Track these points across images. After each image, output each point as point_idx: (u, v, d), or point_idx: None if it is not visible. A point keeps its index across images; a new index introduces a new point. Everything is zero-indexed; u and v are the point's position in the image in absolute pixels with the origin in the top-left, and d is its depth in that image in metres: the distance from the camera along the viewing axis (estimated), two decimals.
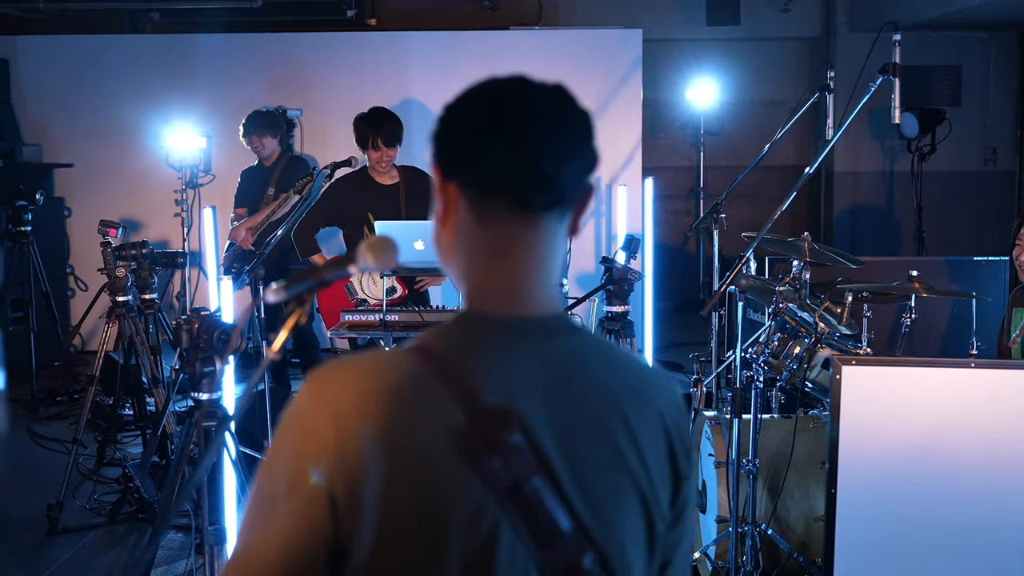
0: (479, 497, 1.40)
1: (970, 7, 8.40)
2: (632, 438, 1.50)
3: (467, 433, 1.41)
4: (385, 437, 1.41)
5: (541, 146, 1.46)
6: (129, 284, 5.74)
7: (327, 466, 1.41)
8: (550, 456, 1.44)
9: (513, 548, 1.42)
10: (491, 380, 1.45)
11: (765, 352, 4.56)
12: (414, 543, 1.40)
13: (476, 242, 1.52)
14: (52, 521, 5.43)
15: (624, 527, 1.49)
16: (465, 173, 1.50)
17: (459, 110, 1.52)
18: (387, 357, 1.50)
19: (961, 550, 3.62)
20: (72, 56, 9.39)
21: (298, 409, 1.47)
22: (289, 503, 1.42)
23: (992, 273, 6.28)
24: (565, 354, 1.51)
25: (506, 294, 1.51)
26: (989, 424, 3.57)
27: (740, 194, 9.77)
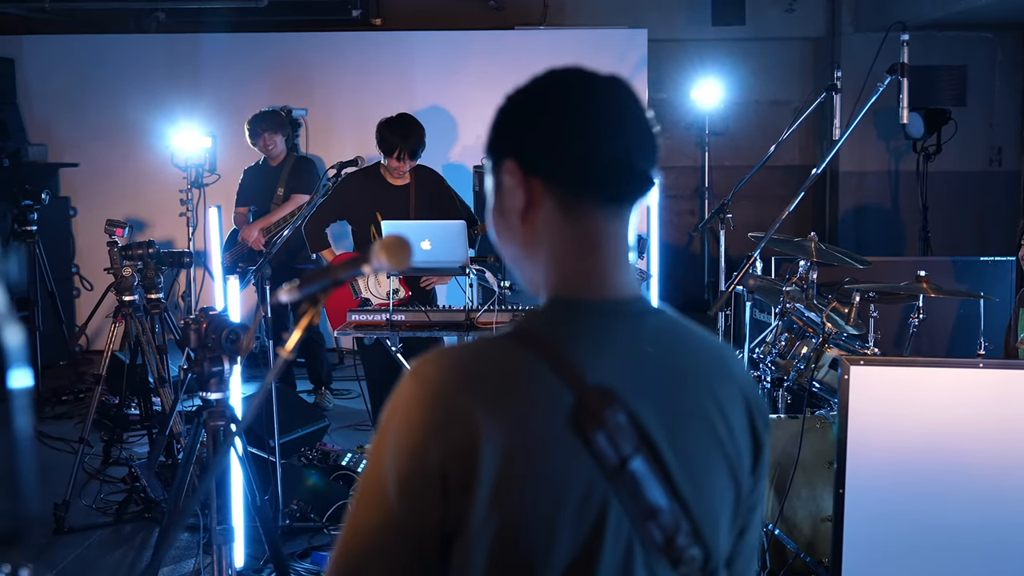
0: (589, 475, 1.43)
1: (976, 7, 8.39)
2: (720, 410, 1.55)
3: (575, 413, 1.43)
4: (496, 420, 1.41)
5: (630, 141, 1.52)
6: (135, 284, 5.75)
7: (439, 452, 1.41)
8: (652, 433, 1.47)
9: (619, 525, 1.45)
10: (592, 361, 1.47)
11: (772, 352, 4.56)
12: (529, 522, 1.42)
13: (564, 236, 1.54)
14: (58, 520, 5.43)
15: (716, 498, 1.53)
16: (553, 172, 1.52)
17: (536, 106, 1.55)
18: (489, 343, 1.51)
19: (969, 550, 3.62)
20: (77, 56, 9.40)
21: (405, 398, 1.46)
22: (402, 497, 1.43)
23: (998, 273, 6.28)
24: (655, 333, 1.55)
25: (595, 281, 1.54)
26: (997, 424, 3.57)
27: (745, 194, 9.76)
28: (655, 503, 1.45)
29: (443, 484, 1.41)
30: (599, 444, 1.43)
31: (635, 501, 1.44)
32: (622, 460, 1.43)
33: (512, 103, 1.57)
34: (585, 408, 1.43)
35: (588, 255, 1.54)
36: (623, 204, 1.54)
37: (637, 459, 1.44)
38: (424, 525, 1.43)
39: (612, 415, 1.44)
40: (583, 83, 1.54)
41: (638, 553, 1.46)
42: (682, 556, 1.48)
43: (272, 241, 6.84)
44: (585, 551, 1.43)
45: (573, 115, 1.51)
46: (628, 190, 1.54)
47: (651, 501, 1.45)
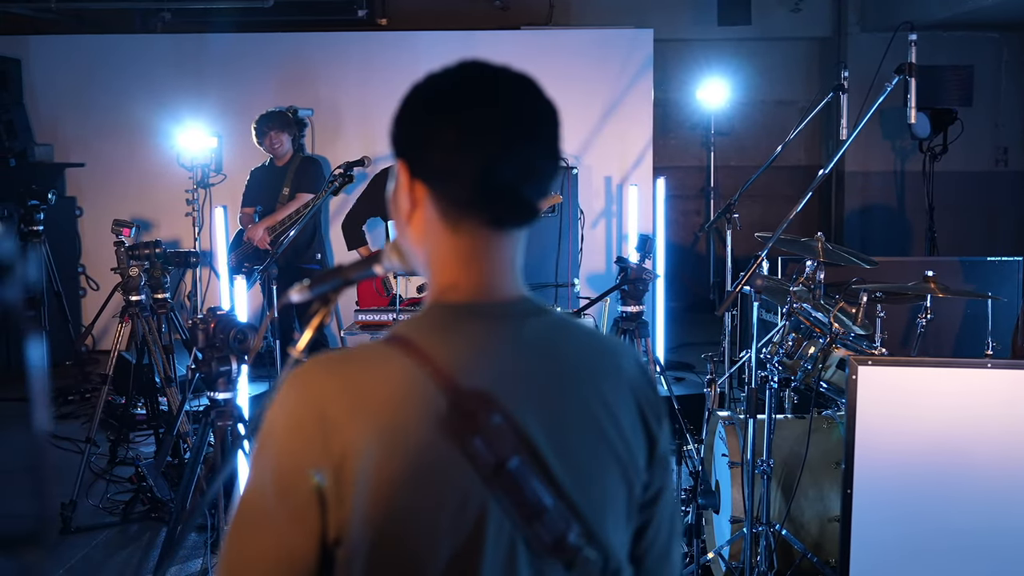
0: (466, 479, 1.43)
1: (982, 7, 8.38)
2: (607, 407, 1.53)
3: (450, 418, 1.43)
4: (371, 428, 1.42)
5: (520, 166, 1.46)
6: (142, 284, 5.75)
7: (315, 462, 1.42)
8: (531, 434, 1.46)
9: (500, 526, 1.44)
10: (468, 364, 1.47)
11: (779, 352, 4.55)
12: (406, 527, 1.42)
13: (445, 244, 1.53)
14: (65, 520, 5.44)
15: (606, 496, 1.52)
16: (438, 185, 1.49)
17: (428, 113, 1.49)
18: (365, 350, 1.52)
19: (977, 552, 3.61)
20: (83, 56, 9.40)
21: (281, 408, 1.47)
22: (279, 506, 1.44)
23: (1006, 273, 6.27)
24: (536, 333, 1.53)
25: (475, 286, 1.53)
26: (1006, 425, 3.56)
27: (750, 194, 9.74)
28: (539, 503, 1.44)
29: (320, 495, 1.42)
30: (475, 447, 1.42)
31: (516, 502, 1.44)
32: (499, 462, 1.42)
33: (409, 101, 1.52)
34: (459, 412, 1.43)
35: (469, 265, 1.52)
36: (506, 228, 1.51)
37: (515, 460, 1.43)
38: (303, 537, 1.43)
39: (487, 417, 1.43)
40: (483, 90, 1.48)
41: (522, 555, 1.46)
42: (575, 557, 1.47)
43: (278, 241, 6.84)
44: (466, 554, 1.43)
45: (463, 128, 1.46)
46: (511, 218, 1.51)
47: (534, 501, 1.44)
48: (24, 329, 1.09)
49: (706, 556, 4.69)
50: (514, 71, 1.51)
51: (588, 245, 8.58)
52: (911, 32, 4.03)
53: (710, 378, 5.04)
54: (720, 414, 4.86)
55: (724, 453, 4.75)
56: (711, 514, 4.94)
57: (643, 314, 4.56)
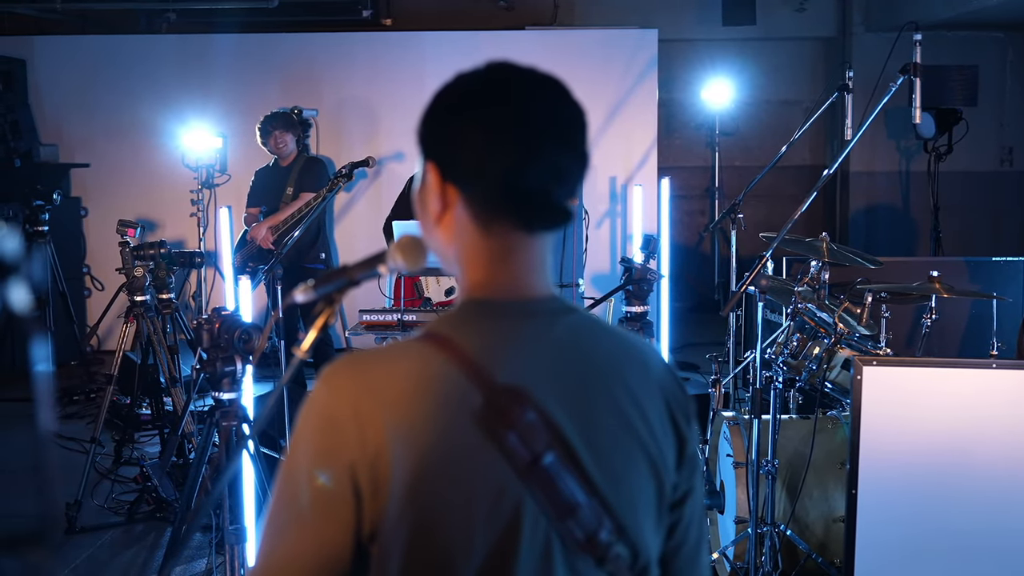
0: (501, 474, 1.43)
1: (986, 7, 8.37)
2: (637, 406, 1.54)
3: (484, 413, 1.43)
4: (407, 424, 1.43)
5: (550, 169, 1.47)
6: (147, 284, 5.76)
7: (350, 459, 1.43)
8: (564, 430, 1.47)
9: (536, 522, 1.45)
10: (502, 360, 1.48)
11: (784, 353, 4.55)
12: (442, 524, 1.43)
13: (476, 246, 1.53)
14: (70, 520, 5.44)
15: (636, 494, 1.52)
16: (469, 187, 1.50)
17: (459, 115, 1.50)
18: (399, 347, 1.53)
19: (982, 552, 3.61)
20: (88, 56, 9.41)
21: (315, 405, 1.48)
22: (314, 504, 1.44)
23: (1011, 273, 6.26)
24: (568, 331, 1.54)
25: (506, 284, 1.53)
26: (1010, 425, 3.56)
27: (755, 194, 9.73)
28: (572, 499, 1.45)
29: (355, 491, 1.43)
30: (510, 443, 1.43)
31: (551, 498, 1.44)
32: (534, 458, 1.43)
33: (438, 103, 1.53)
34: (494, 408, 1.43)
35: (500, 264, 1.53)
36: (537, 231, 1.52)
37: (549, 456, 1.44)
38: (339, 532, 1.44)
39: (522, 413, 1.44)
40: (513, 92, 1.49)
41: (557, 550, 1.47)
42: (606, 553, 1.48)
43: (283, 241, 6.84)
44: (501, 549, 1.44)
45: (493, 130, 1.47)
46: (541, 220, 1.51)
47: (568, 497, 1.45)
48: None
49: (711, 556, 4.69)
50: (542, 73, 1.52)
51: (593, 245, 8.58)
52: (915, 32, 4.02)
53: (714, 378, 5.03)
54: (725, 414, 4.86)
55: (729, 453, 4.75)
56: (716, 515, 4.94)
57: (648, 314, 4.55)
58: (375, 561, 1.46)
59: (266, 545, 1.47)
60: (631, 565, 1.52)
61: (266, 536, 1.47)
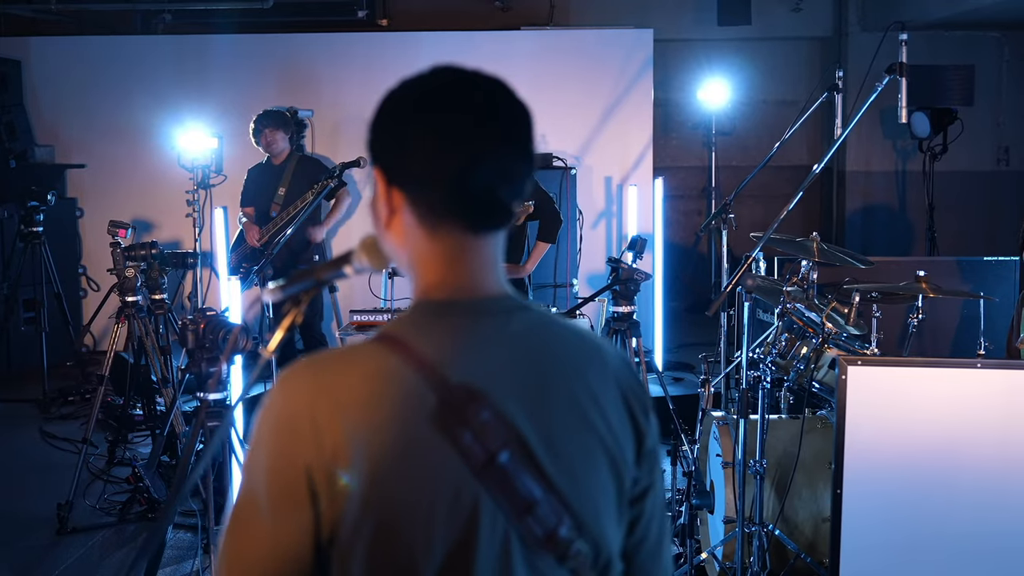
0: (458, 474, 1.44)
1: (982, 6, 8.37)
2: (595, 401, 1.55)
3: (439, 413, 1.44)
4: (362, 426, 1.44)
5: (495, 171, 1.48)
6: (139, 284, 5.76)
7: (306, 462, 1.44)
8: (520, 427, 1.48)
9: (494, 520, 1.46)
10: (456, 360, 1.49)
11: (772, 352, 4.55)
12: (399, 523, 1.44)
13: (426, 249, 1.54)
14: (62, 520, 5.45)
15: (596, 490, 1.53)
16: (415, 192, 1.51)
17: (402, 119, 1.52)
18: (355, 349, 1.53)
19: (968, 551, 3.61)
20: (84, 57, 9.42)
21: (272, 409, 1.49)
22: (272, 506, 1.45)
23: (1003, 273, 6.26)
24: (521, 328, 1.55)
25: (458, 284, 1.54)
26: (996, 425, 3.56)
27: (752, 194, 9.76)
28: (530, 496, 1.46)
29: (312, 494, 1.44)
30: (465, 442, 1.44)
31: (508, 496, 1.45)
32: (490, 456, 1.44)
33: (382, 109, 1.54)
34: (448, 407, 1.45)
35: (451, 266, 1.54)
36: (484, 232, 1.53)
37: (505, 454, 1.45)
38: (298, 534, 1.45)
39: (477, 412, 1.45)
40: (456, 95, 1.50)
41: (516, 548, 1.47)
42: (567, 550, 1.48)
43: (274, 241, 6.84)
44: (460, 548, 1.45)
45: (437, 135, 1.47)
46: (487, 222, 1.52)
47: (525, 495, 1.46)
48: None
49: (700, 556, 4.69)
50: (486, 75, 1.53)
51: (588, 245, 8.59)
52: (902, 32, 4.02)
53: (704, 378, 5.04)
54: (714, 414, 4.86)
55: (718, 453, 4.75)
56: (706, 514, 4.94)
57: (634, 314, 4.55)
58: (336, 563, 1.46)
59: (227, 548, 1.48)
60: (593, 561, 1.52)
61: (227, 539, 1.49)
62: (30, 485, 6.33)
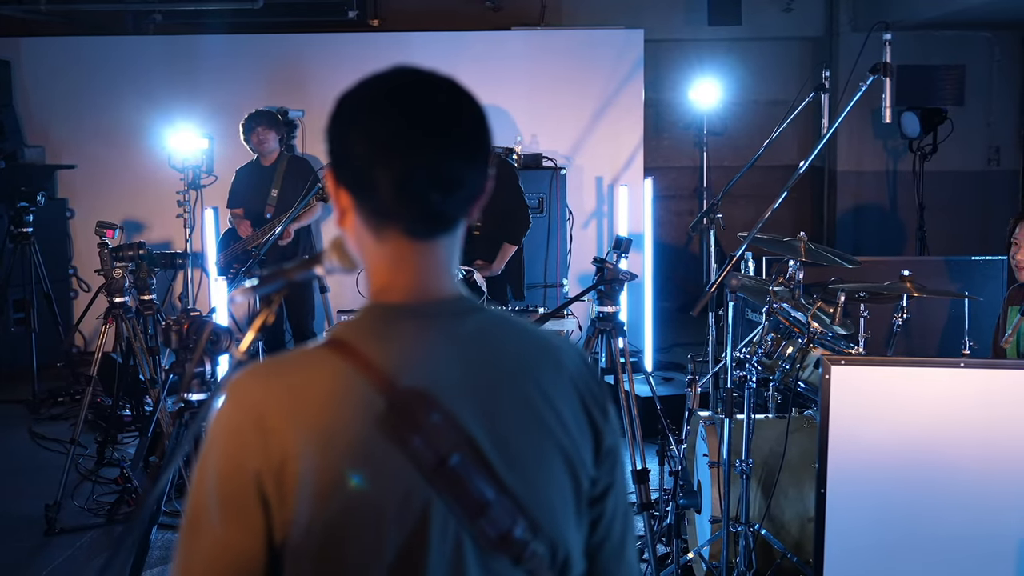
0: (408, 477, 1.45)
1: (971, 6, 8.37)
2: (548, 401, 1.54)
3: (387, 417, 1.45)
4: (311, 432, 1.44)
5: (433, 182, 1.47)
6: (127, 285, 5.75)
7: (255, 468, 1.44)
8: (471, 430, 1.48)
9: (445, 523, 1.46)
10: (405, 364, 1.49)
11: (759, 352, 4.56)
12: (349, 528, 1.44)
13: (374, 252, 1.55)
14: (50, 521, 5.45)
15: (551, 491, 1.53)
16: (357, 195, 1.51)
17: (346, 122, 1.52)
18: (303, 355, 1.54)
19: (951, 550, 3.61)
20: (75, 57, 9.40)
21: (220, 416, 1.49)
22: (223, 512, 1.46)
23: (990, 273, 6.26)
24: (473, 330, 1.55)
25: (408, 287, 1.54)
26: (979, 424, 3.56)
27: (745, 194, 9.77)
28: (482, 499, 1.46)
29: (262, 499, 1.44)
30: (415, 446, 1.44)
31: (460, 499, 1.45)
32: (440, 459, 1.44)
33: (333, 111, 1.54)
34: (397, 412, 1.45)
35: (399, 269, 1.54)
36: (425, 238, 1.52)
37: (456, 457, 1.45)
38: (248, 539, 1.45)
39: (426, 416, 1.45)
40: (396, 101, 1.50)
41: (469, 550, 1.47)
42: (522, 552, 1.48)
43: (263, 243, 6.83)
44: (411, 551, 1.45)
45: (374, 140, 1.47)
46: (426, 228, 1.52)
47: (477, 497, 1.46)
48: None
49: (686, 556, 4.70)
50: (439, 78, 1.53)
51: (579, 245, 8.58)
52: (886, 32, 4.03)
53: (690, 378, 5.04)
54: (701, 414, 4.87)
55: (705, 453, 4.76)
56: (693, 514, 4.94)
57: (618, 314, 4.56)
58: (288, 567, 1.47)
59: (180, 554, 1.49)
60: (550, 562, 1.52)
61: (180, 545, 1.49)
62: (19, 486, 6.32)
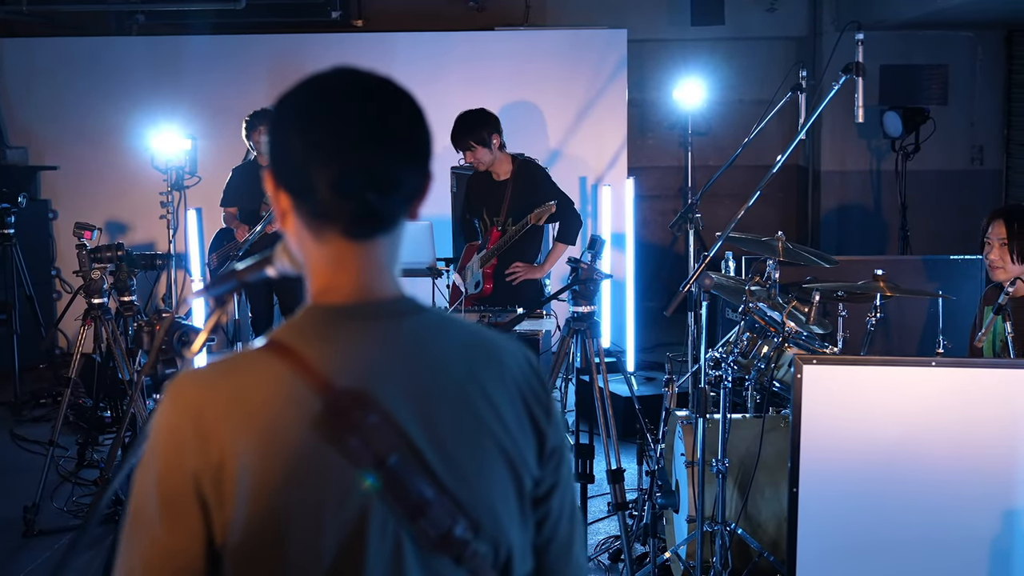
0: (345, 478, 1.45)
1: (952, 6, 8.39)
2: (489, 401, 1.55)
3: (324, 418, 1.45)
4: (249, 434, 1.45)
5: (367, 183, 1.48)
6: (105, 286, 5.73)
7: (193, 469, 1.45)
8: (408, 430, 1.48)
9: (384, 523, 1.46)
10: (343, 365, 1.49)
11: (735, 352, 4.57)
12: (288, 529, 1.45)
13: (314, 252, 1.55)
14: (28, 523, 5.44)
15: (493, 488, 1.54)
16: (296, 198, 1.52)
17: (281, 122, 1.52)
18: (241, 357, 1.54)
19: (924, 548, 3.62)
20: (57, 58, 9.38)
21: (159, 419, 1.50)
22: (162, 514, 1.46)
23: (969, 272, 6.28)
24: (414, 330, 1.56)
25: (347, 288, 1.55)
26: (951, 423, 3.57)
27: (730, 193, 9.77)
28: (421, 498, 1.46)
29: (200, 501, 1.45)
30: (352, 446, 1.44)
31: (398, 499, 1.46)
32: (378, 460, 1.45)
33: (273, 111, 1.55)
34: (334, 412, 1.45)
35: (338, 270, 1.54)
36: (362, 239, 1.53)
37: (394, 457, 1.45)
38: (187, 540, 1.46)
39: (364, 416, 1.45)
40: (332, 103, 1.50)
41: (409, 550, 1.48)
42: (463, 551, 1.49)
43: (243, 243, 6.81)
44: (349, 552, 1.46)
45: (306, 142, 1.48)
46: (362, 229, 1.52)
47: (416, 497, 1.46)
48: None
49: (662, 556, 4.71)
50: (378, 78, 1.54)
51: None
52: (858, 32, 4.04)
53: (668, 378, 5.05)
54: (679, 414, 4.87)
55: (682, 453, 4.77)
56: (671, 513, 4.95)
57: (594, 314, 4.56)
58: (228, 568, 1.47)
59: (122, 556, 1.49)
60: (493, 562, 1.53)
61: (122, 547, 1.49)
62: None
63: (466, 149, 6.12)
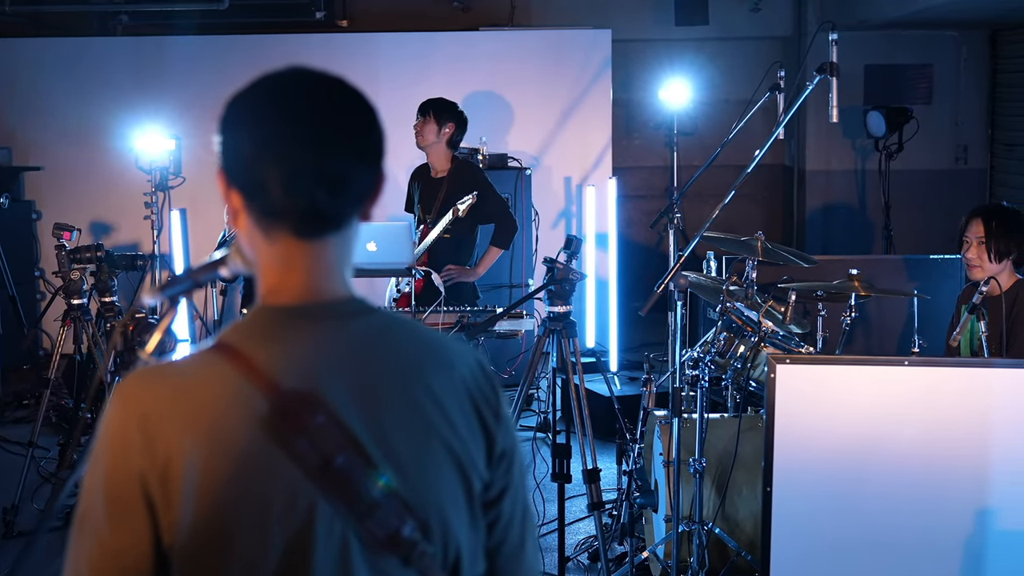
0: (292, 479, 1.45)
1: (936, 5, 8.41)
2: (438, 405, 1.55)
3: (271, 419, 1.45)
4: (196, 434, 1.45)
5: (316, 183, 1.48)
6: (85, 287, 5.72)
7: (139, 470, 1.45)
8: (356, 431, 1.48)
9: (331, 524, 1.47)
10: (290, 366, 1.49)
11: (712, 351, 4.58)
12: (234, 530, 1.45)
13: (264, 252, 1.55)
14: (7, 525, 5.42)
15: (441, 490, 1.54)
16: (247, 197, 1.52)
17: (233, 122, 1.53)
18: (187, 358, 1.55)
19: (897, 547, 3.64)
20: (40, 58, 9.36)
21: (107, 419, 1.50)
22: (109, 515, 1.47)
23: (948, 271, 6.30)
24: (363, 332, 1.56)
25: (297, 288, 1.55)
26: (924, 422, 3.59)
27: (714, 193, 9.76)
28: (369, 499, 1.46)
29: (147, 501, 1.45)
30: (299, 447, 1.44)
31: (345, 499, 1.46)
32: (325, 460, 1.45)
33: (224, 110, 1.56)
34: (281, 413, 1.45)
35: (288, 270, 1.54)
36: (313, 238, 1.53)
37: (341, 457, 1.45)
38: (134, 540, 1.46)
39: (311, 417, 1.45)
40: (281, 103, 1.52)
41: (356, 551, 1.48)
42: (411, 552, 1.49)
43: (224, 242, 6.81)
44: (296, 553, 1.46)
45: (254, 144, 1.49)
46: (311, 228, 1.53)
47: (364, 498, 1.46)
48: None
49: (640, 556, 4.71)
50: (327, 76, 1.56)
51: (547, 246, 8.56)
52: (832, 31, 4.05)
53: (646, 378, 5.05)
54: (657, 413, 4.88)
55: (660, 452, 4.77)
56: (651, 513, 4.96)
57: (571, 314, 4.56)
58: (176, 568, 1.48)
59: (69, 556, 1.50)
60: (442, 562, 1.53)
61: (69, 547, 1.50)
62: None
63: (423, 115, 6.23)
